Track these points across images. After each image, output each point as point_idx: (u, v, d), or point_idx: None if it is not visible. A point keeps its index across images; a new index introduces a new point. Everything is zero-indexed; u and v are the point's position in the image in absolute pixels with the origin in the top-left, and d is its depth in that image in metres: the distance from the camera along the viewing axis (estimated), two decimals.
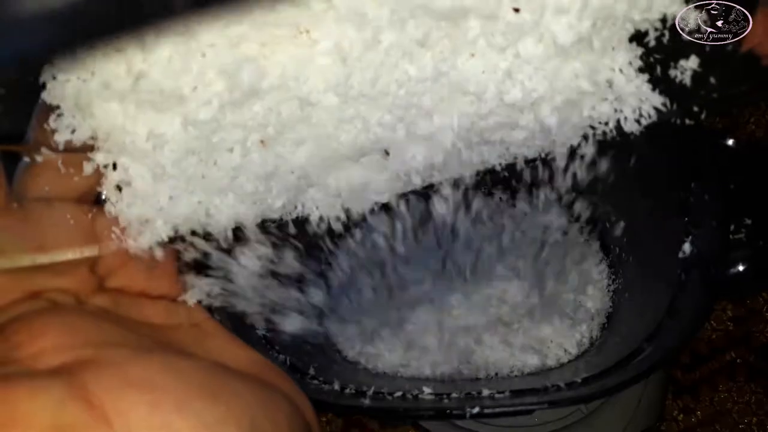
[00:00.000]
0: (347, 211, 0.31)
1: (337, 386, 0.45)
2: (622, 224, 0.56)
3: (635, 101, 0.28)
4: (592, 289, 0.57)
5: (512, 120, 0.28)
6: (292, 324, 0.41)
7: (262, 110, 0.27)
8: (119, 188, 0.28)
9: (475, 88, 0.27)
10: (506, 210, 0.62)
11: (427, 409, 0.43)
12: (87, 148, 0.28)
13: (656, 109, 0.28)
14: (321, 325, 0.57)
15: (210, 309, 0.32)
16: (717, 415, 0.63)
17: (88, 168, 0.28)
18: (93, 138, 0.28)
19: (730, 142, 0.42)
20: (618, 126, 0.29)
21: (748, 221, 0.42)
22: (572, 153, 0.30)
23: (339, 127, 0.28)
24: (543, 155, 0.30)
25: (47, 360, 0.23)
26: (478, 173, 0.31)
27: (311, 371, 0.46)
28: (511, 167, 0.31)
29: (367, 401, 0.44)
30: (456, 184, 0.32)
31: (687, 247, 0.45)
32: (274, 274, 0.35)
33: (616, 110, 0.29)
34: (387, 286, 0.60)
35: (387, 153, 0.29)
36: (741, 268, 0.42)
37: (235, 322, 0.45)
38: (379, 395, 0.44)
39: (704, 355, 0.64)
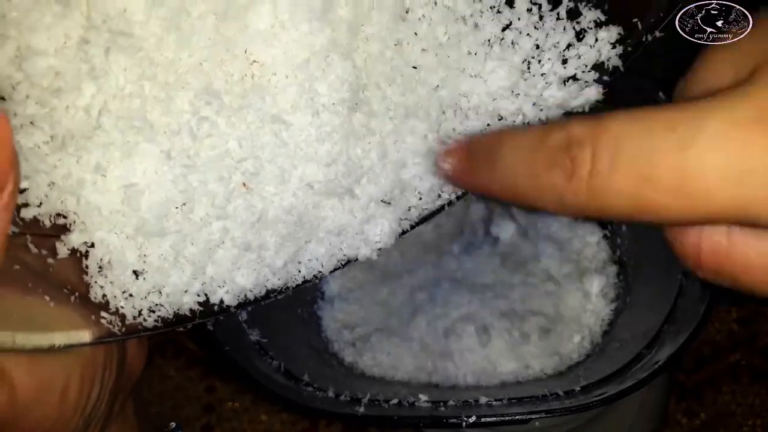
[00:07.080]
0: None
1: (331, 393, 0.45)
2: (624, 228, 0.56)
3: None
4: (594, 293, 0.57)
5: None
6: None
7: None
8: (101, 269, 0.26)
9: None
10: (508, 212, 0.61)
11: (424, 417, 0.43)
12: (58, 229, 0.25)
13: None
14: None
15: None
16: (721, 417, 0.62)
17: (62, 250, 0.25)
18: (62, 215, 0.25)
19: None
20: None
21: None
22: None
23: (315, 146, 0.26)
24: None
25: None
26: None
27: (305, 377, 0.46)
28: None
29: (362, 409, 0.43)
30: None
31: None
32: None
33: None
34: (388, 289, 0.60)
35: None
36: None
37: (229, 328, 0.45)
38: (375, 402, 0.44)
39: (708, 357, 0.64)
